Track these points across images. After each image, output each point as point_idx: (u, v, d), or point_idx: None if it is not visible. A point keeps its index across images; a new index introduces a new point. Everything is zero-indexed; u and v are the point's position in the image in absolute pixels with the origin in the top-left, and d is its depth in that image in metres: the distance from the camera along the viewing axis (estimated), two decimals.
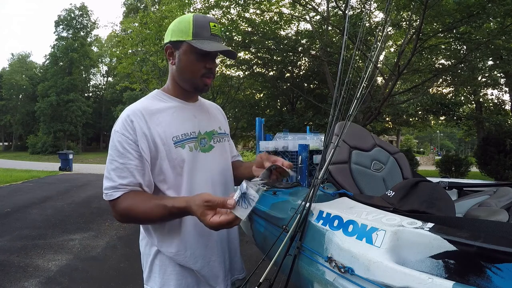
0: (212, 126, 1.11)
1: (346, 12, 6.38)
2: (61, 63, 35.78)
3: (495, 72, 9.55)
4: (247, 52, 8.91)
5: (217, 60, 1.19)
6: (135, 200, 0.92)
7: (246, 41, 7.68)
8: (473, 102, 12.62)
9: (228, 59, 9.24)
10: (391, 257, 0.77)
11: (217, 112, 1.21)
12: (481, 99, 12.41)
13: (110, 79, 44.02)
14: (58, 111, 33.70)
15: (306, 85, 10.67)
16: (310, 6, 8.31)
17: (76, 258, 3.47)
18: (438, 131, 41.15)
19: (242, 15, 7.81)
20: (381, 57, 10.19)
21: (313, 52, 8.68)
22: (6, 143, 44.99)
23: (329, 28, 8.46)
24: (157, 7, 11.94)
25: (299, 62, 9.98)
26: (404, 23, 7.29)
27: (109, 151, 0.95)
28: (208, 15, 0.98)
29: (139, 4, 28.93)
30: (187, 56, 0.98)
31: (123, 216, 0.93)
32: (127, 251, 3.77)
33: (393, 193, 1.16)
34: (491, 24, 6.98)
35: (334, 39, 8.57)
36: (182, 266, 1.01)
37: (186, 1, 7.73)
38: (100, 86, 46.11)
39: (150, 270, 1.02)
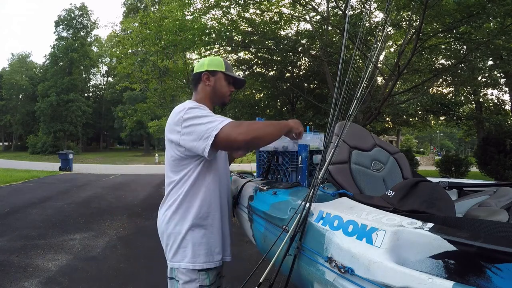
0: None
1: (346, 12, 6.37)
2: (61, 63, 35.76)
3: (495, 72, 9.53)
4: (247, 52, 8.89)
5: None
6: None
7: (246, 41, 7.65)
8: (473, 102, 12.60)
9: None
10: (391, 257, 0.77)
11: None
12: (481, 99, 12.39)
13: (110, 79, 44.01)
14: (58, 111, 33.68)
15: (306, 85, 10.63)
16: (310, 6, 8.29)
17: (76, 258, 3.46)
18: (438, 131, 41.09)
19: (242, 15, 7.79)
20: (381, 57, 10.19)
21: (313, 52, 8.66)
22: (6, 143, 44.96)
23: (329, 28, 8.44)
24: (157, 7, 11.93)
25: (299, 62, 9.95)
26: (404, 23, 7.27)
27: (193, 120, 1.19)
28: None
29: (139, 4, 28.90)
30: (221, 81, 1.42)
31: (249, 125, 1.19)
32: (127, 251, 3.77)
33: (393, 193, 1.16)
34: (491, 24, 6.98)
35: (334, 39, 8.55)
36: (210, 237, 1.30)
37: (186, 1, 7.70)
38: (100, 86, 46.12)
39: (179, 246, 1.27)
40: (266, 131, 1.22)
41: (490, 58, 8.15)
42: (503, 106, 12.48)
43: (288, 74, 10.29)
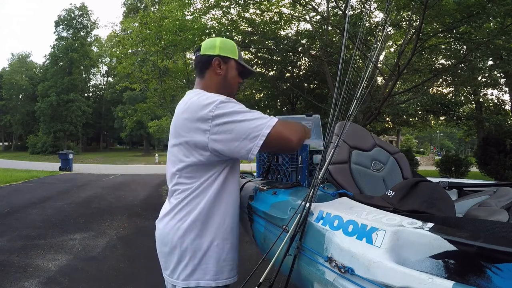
0: None
1: (346, 12, 6.37)
2: (61, 63, 35.77)
3: (495, 72, 9.53)
4: (247, 52, 8.90)
5: None
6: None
7: (246, 41, 7.66)
8: (473, 102, 12.60)
9: None
10: (391, 257, 0.77)
11: None
12: (481, 99, 12.40)
13: (110, 79, 44.02)
14: (58, 111, 33.70)
15: (306, 85, 10.65)
16: (310, 6, 8.30)
17: (76, 258, 3.46)
18: (438, 131, 41.10)
19: (242, 15, 7.80)
20: (381, 57, 10.19)
21: (313, 52, 8.67)
22: (6, 143, 44.97)
23: (329, 28, 8.45)
24: (157, 7, 11.93)
25: (299, 62, 9.96)
26: (404, 23, 7.28)
27: (230, 117, 1.01)
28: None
29: (139, 4, 28.91)
30: (233, 71, 1.23)
31: (294, 124, 1.12)
32: (127, 251, 3.77)
33: (393, 193, 1.16)
34: (491, 24, 6.98)
35: (334, 39, 8.56)
36: (233, 250, 1.16)
37: (186, 1, 7.71)
38: (100, 86, 46.13)
39: (200, 262, 1.10)
40: (305, 132, 1.15)
41: (490, 58, 8.15)
42: (503, 106, 12.49)
43: (288, 74, 10.30)
